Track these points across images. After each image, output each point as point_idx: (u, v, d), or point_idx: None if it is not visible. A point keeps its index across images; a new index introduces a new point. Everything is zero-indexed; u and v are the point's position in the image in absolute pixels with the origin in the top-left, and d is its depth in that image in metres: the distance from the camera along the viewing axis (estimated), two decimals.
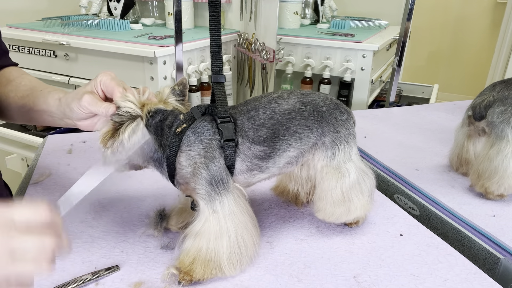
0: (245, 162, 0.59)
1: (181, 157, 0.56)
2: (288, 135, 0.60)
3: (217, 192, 0.56)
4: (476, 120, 0.83)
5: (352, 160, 0.64)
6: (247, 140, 0.58)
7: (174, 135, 0.56)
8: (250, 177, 0.61)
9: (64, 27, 1.65)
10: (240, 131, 0.58)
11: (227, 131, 0.56)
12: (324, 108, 0.62)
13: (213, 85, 0.60)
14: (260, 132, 0.58)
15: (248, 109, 0.60)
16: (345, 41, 1.52)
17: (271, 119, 0.59)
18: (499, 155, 0.78)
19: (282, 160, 0.61)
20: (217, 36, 0.60)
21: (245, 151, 0.58)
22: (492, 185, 0.79)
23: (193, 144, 0.56)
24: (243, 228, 0.58)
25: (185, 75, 1.47)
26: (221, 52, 0.60)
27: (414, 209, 0.84)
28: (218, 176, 0.56)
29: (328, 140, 0.63)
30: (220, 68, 0.60)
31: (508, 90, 0.80)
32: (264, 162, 0.60)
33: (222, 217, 0.56)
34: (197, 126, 0.57)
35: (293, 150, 0.61)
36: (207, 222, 0.56)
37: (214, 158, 0.56)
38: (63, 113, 0.65)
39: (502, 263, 0.65)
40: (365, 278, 0.58)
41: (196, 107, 0.60)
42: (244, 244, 0.58)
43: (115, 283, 0.55)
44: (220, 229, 0.56)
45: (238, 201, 0.58)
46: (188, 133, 0.56)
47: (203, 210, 0.57)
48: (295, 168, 0.67)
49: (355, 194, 0.65)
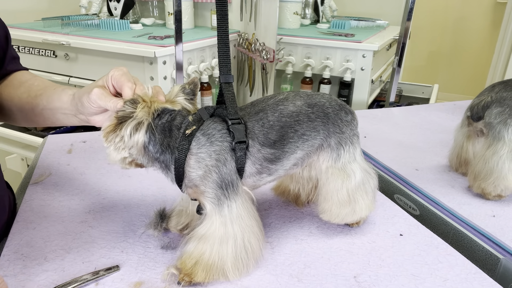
0: (255, 164, 0.58)
1: (191, 159, 0.55)
2: (296, 137, 0.60)
3: (226, 196, 0.55)
4: (474, 121, 0.83)
5: (357, 160, 0.65)
6: (257, 143, 0.57)
7: (183, 137, 0.55)
8: (259, 180, 0.60)
9: (64, 27, 1.65)
10: (250, 133, 0.57)
11: (239, 133, 0.56)
12: (330, 110, 0.62)
13: (221, 85, 0.59)
14: (270, 135, 0.58)
15: (256, 111, 0.59)
16: (345, 41, 1.52)
17: (280, 122, 0.59)
18: (495, 156, 0.78)
19: (289, 163, 0.61)
20: (225, 35, 0.59)
21: (255, 153, 0.58)
22: (488, 186, 0.79)
23: (203, 146, 0.55)
24: (250, 232, 0.57)
25: (185, 75, 1.47)
26: (229, 52, 0.59)
27: (414, 209, 0.84)
28: (229, 179, 0.55)
29: (334, 141, 0.63)
30: (228, 67, 0.59)
31: (506, 91, 0.80)
32: (273, 165, 0.60)
33: (229, 222, 0.55)
34: (207, 128, 0.56)
35: (300, 152, 0.61)
36: (213, 226, 0.55)
37: (226, 161, 0.55)
38: (76, 108, 0.65)
39: (502, 263, 0.65)
40: (365, 278, 0.58)
41: (204, 108, 0.59)
42: (251, 248, 0.57)
43: (115, 283, 0.55)
44: (226, 233, 0.55)
45: (246, 205, 0.58)
46: (198, 135, 0.55)
47: (210, 214, 0.56)
48: (299, 170, 0.67)
49: (360, 195, 0.65)
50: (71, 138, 1.02)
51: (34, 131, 1.62)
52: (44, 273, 0.57)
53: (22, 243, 0.63)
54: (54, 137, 1.03)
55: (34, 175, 0.83)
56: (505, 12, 1.22)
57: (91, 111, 0.62)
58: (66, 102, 0.67)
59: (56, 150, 0.96)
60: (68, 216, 0.70)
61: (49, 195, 0.77)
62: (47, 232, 0.66)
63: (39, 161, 0.90)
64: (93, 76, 1.58)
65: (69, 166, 0.88)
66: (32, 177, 0.83)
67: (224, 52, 0.59)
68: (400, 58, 1.33)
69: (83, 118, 0.66)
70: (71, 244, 0.63)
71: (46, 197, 0.76)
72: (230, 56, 0.60)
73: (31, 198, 0.75)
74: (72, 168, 0.87)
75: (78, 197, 0.77)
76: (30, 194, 0.77)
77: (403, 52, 1.32)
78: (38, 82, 0.75)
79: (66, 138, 1.02)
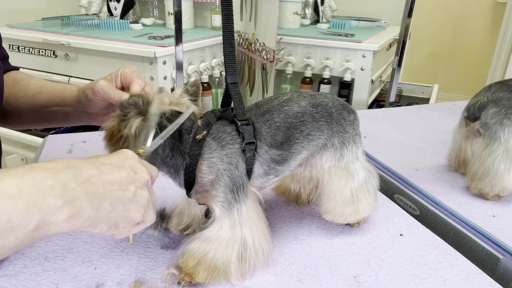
0: (262, 166, 0.58)
1: (202, 165, 0.54)
2: (302, 137, 0.60)
3: (237, 199, 0.55)
4: (471, 121, 0.83)
5: (359, 160, 0.65)
6: (265, 144, 0.57)
7: (194, 142, 0.54)
8: (266, 181, 0.60)
9: (64, 27, 1.65)
10: (258, 135, 0.57)
11: (248, 134, 0.55)
12: (333, 109, 0.62)
13: (227, 86, 0.58)
14: (277, 136, 0.58)
15: (262, 112, 0.59)
16: (345, 41, 1.52)
17: (286, 123, 0.59)
18: (491, 156, 0.78)
19: (295, 163, 0.61)
20: (230, 35, 0.58)
21: (263, 155, 0.57)
22: (484, 186, 0.79)
23: (215, 151, 0.54)
24: (260, 234, 0.57)
25: (185, 75, 1.47)
26: (235, 52, 0.58)
27: (414, 209, 0.84)
28: (240, 182, 0.55)
29: (337, 140, 0.63)
30: (234, 68, 0.58)
31: (502, 92, 0.80)
32: (280, 166, 0.59)
33: (238, 225, 0.55)
34: (216, 132, 0.55)
35: (305, 152, 0.61)
36: (221, 229, 0.55)
37: (238, 164, 0.55)
38: (79, 103, 0.64)
39: (502, 263, 0.65)
40: (365, 278, 0.58)
41: (210, 112, 0.58)
42: (261, 250, 0.57)
43: (115, 283, 0.55)
44: (233, 237, 0.55)
45: (255, 206, 0.57)
46: (208, 140, 0.54)
47: (219, 218, 0.55)
48: (302, 169, 0.67)
49: (363, 194, 0.65)
50: (71, 138, 1.02)
51: (34, 131, 1.62)
52: (45, 272, 0.57)
53: None
54: (54, 137, 1.03)
55: None
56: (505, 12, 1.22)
57: (94, 105, 0.61)
58: (68, 99, 0.66)
59: (56, 150, 0.95)
60: None
61: None
62: None
63: (39, 161, 0.90)
64: (93, 76, 1.58)
65: None
66: None
67: (230, 52, 0.58)
68: (400, 58, 1.33)
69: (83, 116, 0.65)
70: (71, 244, 0.63)
71: None
72: (235, 56, 0.59)
73: None
74: None
75: None
76: None
77: (403, 52, 1.32)
78: (34, 80, 0.74)
79: (66, 138, 1.02)
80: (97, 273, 0.57)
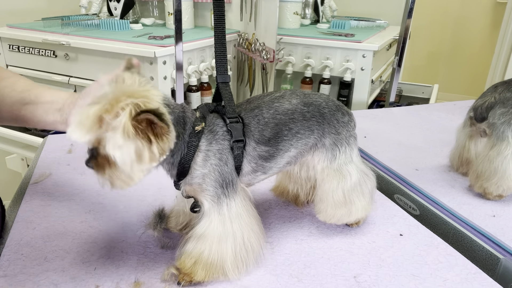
0: (250, 163, 0.58)
1: (198, 157, 0.54)
2: (290, 135, 0.60)
3: (226, 194, 0.55)
4: (478, 122, 0.83)
5: (353, 161, 0.64)
6: (253, 141, 0.57)
7: (193, 133, 0.54)
8: (254, 178, 0.61)
9: (64, 27, 1.65)
10: (247, 131, 0.57)
11: (237, 132, 0.56)
12: (326, 110, 0.62)
13: (218, 85, 0.59)
14: (264, 132, 0.58)
15: (251, 107, 0.59)
16: (345, 41, 1.52)
17: (275, 119, 0.59)
18: (499, 156, 0.78)
19: (283, 160, 0.61)
20: (222, 35, 0.59)
21: (251, 152, 0.58)
22: (491, 185, 0.79)
23: (210, 144, 0.55)
24: (249, 230, 0.57)
25: (185, 75, 1.47)
26: (226, 52, 0.59)
27: (414, 209, 0.84)
28: (229, 178, 0.55)
29: (329, 141, 0.63)
30: (225, 67, 0.59)
31: (509, 92, 0.80)
32: (268, 162, 0.60)
33: (228, 220, 0.55)
34: (212, 125, 0.56)
35: (293, 150, 0.61)
36: (211, 224, 0.55)
37: (228, 160, 0.55)
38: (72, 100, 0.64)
39: (502, 263, 0.65)
40: (365, 278, 0.58)
41: (204, 105, 0.58)
42: (251, 246, 0.57)
43: (115, 283, 0.55)
44: (225, 232, 0.55)
45: (245, 203, 0.58)
46: (205, 132, 0.55)
47: (209, 213, 0.56)
48: (293, 168, 0.67)
49: (357, 196, 0.65)
50: None
51: (34, 131, 1.62)
52: (44, 273, 0.57)
53: (22, 243, 0.63)
54: (54, 137, 1.03)
55: (34, 175, 0.83)
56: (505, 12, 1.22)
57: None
58: (62, 97, 0.66)
59: (56, 150, 0.95)
60: (68, 216, 0.70)
61: (49, 195, 0.77)
62: (47, 232, 0.66)
63: (39, 161, 0.90)
64: (93, 76, 1.58)
65: (69, 166, 0.88)
66: (32, 177, 0.83)
67: (221, 52, 0.59)
68: (400, 58, 1.33)
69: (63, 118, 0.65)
70: (71, 244, 0.63)
71: (46, 197, 0.76)
72: (227, 56, 0.60)
73: (31, 198, 0.75)
74: (72, 168, 0.87)
75: (78, 197, 0.76)
76: (30, 194, 0.77)
77: (403, 52, 1.32)
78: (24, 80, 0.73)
79: (66, 138, 1.02)
80: (97, 274, 0.57)
